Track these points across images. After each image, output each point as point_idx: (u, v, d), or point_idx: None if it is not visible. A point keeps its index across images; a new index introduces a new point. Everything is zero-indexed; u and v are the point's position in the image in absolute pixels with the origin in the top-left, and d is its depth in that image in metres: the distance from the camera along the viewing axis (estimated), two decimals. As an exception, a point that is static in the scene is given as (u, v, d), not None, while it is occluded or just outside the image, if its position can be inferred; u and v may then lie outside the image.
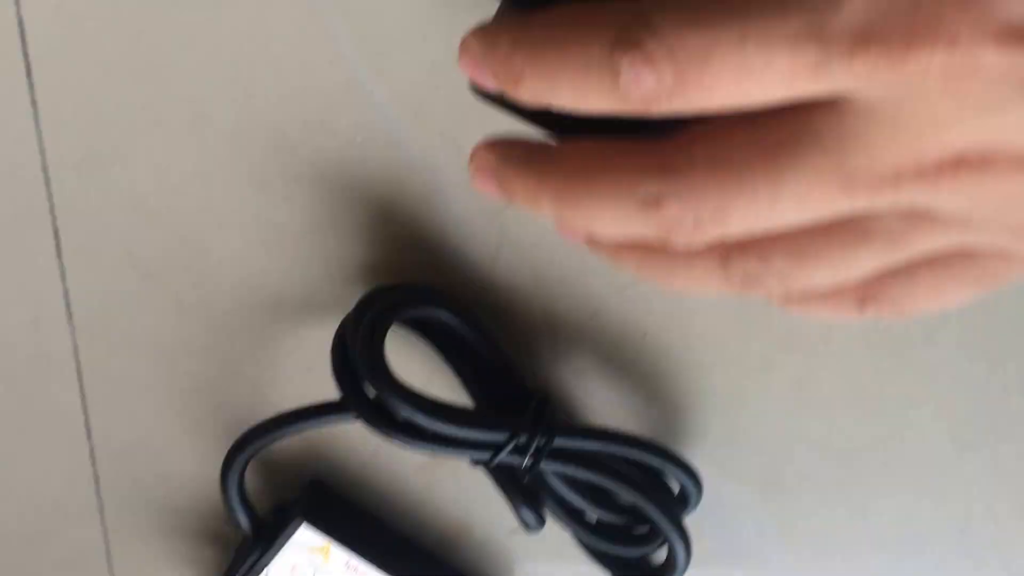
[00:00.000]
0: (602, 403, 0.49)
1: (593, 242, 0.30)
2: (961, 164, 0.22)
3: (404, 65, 0.44)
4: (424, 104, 0.44)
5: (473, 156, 0.31)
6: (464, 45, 0.28)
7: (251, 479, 0.51)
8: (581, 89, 0.25)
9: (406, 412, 0.41)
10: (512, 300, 0.47)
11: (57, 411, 0.52)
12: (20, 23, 0.43)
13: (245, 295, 0.48)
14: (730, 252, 0.26)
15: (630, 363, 0.48)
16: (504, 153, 0.30)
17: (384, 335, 0.42)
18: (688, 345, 0.47)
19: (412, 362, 0.48)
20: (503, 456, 0.42)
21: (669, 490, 0.48)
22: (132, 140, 0.45)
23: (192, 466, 0.53)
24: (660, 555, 0.48)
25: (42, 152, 0.46)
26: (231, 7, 0.43)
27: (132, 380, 0.50)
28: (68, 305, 0.49)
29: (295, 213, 0.46)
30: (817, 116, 0.23)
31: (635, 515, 0.47)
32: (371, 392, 0.42)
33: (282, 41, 0.43)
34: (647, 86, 0.23)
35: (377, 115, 0.44)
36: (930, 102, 0.21)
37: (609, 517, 0.47)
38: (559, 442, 0.43)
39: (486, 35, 0.28)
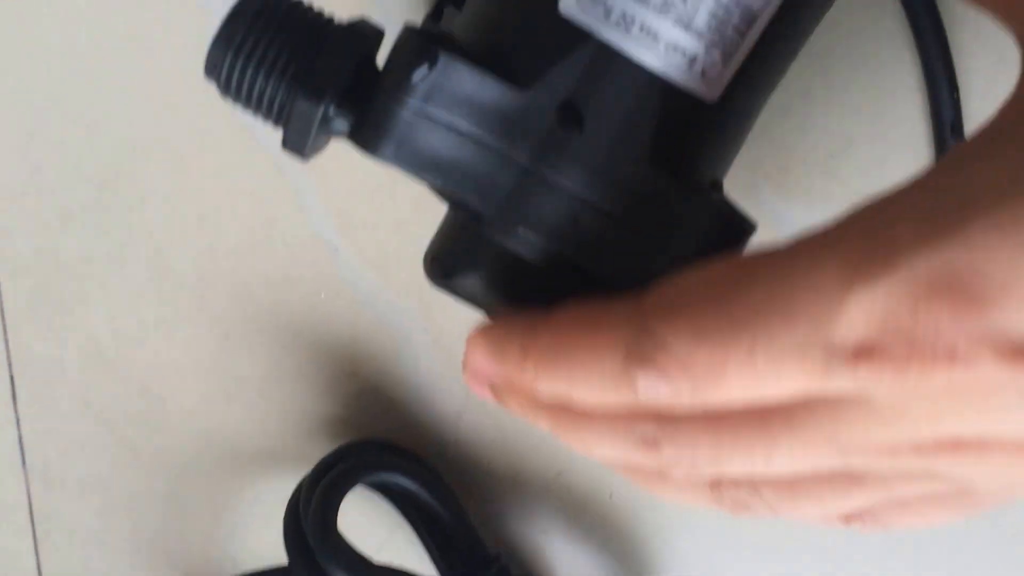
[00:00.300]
0: (567, 564, 0.48)
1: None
2: (959, 446, 0.22)
3: (370, 222, 0.43)
4: (389, 261, 0.44)
5: (467, 361, 0.30)
6: (471, 347, 0.29)
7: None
8: (599, 393, 0.25)
9: (356, 587, 0.40)
10: (477, 458, 0.46)
11: (8, 558, 0.50)
12: (-17, 170, 0.43)
13: (203, 446, 0.47)
14: (722, 480, 0.26)
15: (596, 524, 0.47)
16: (499, 368, 0.29)
17: (339, 502, 0.41)
18: (655, 507, 0.46)
19: (374, 516, 0.47)
20: (458, 630, 0.41)
21: (633, 659, 0.46)
22: (91, 288, 0.45)
23: (146, 614, 0.52)
24: None
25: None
26: (196, 160, 0.43)
27: (86, 529, 0.49)
28: (22, 452, 0.48)
29: (257, 366, 0.45)
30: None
31: None
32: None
33: (247, 195, 0.43)
34: (665, 394, 0.24)
35: (342, 271, 0.44)
36: (930, 403, 0.21)
37: None
38: (517, 615, 0.42)
39: (494, 340, 0.29)
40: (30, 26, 0.41)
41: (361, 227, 0.43)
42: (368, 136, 0.28)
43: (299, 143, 0.29)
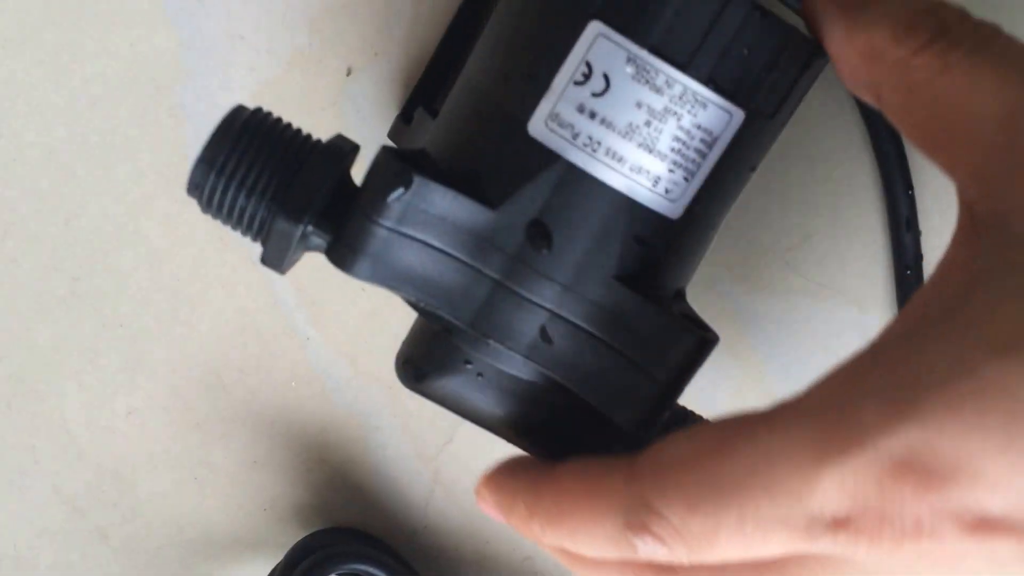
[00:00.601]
0: (534, 647, 0.48)
1: None
2: None
3: (341, 313, 0.44)
4: (360, 351, 0.44)
5: (480, 498, 0.32)
6: (480, 498, 0.32)
7: None
8: (602, 550, 0.27)
9: None
10: (444, 543, 0.47)
11: (-23, 642, 0.51)
12: (-42, 261, 0.44)
13: (175, 532, 0.47)
14: None
15: (562, 607, 0.48)
16: (509, 508, 0.31)
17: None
18: (621, 591, 0.47)
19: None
20: None
21: None
22: (66, 377, 0.45)
23: None
24: None
25: (-26, 387, 0.46)
26: (170, 252, 0.43)
27: (55, 614, 0.50)
28: (-7, 538, 0.48)
29: (228, 453, 0.46)
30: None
31: None
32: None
33: (220, 285, 0.44)
34: (663, 555, 0.26)
35: (313, 360, 0.45)
36: (906, 565, 0.23)
37: None
38: None
39: (500, 496, 0.31)
40: (7, 121, 0.42)
41: (333, 318, 0.44)
42: (344, 255, 0.29)
43: (277, 260, 0.30)
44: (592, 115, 0.29)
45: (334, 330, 0.44)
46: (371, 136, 0.42)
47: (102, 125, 0.42)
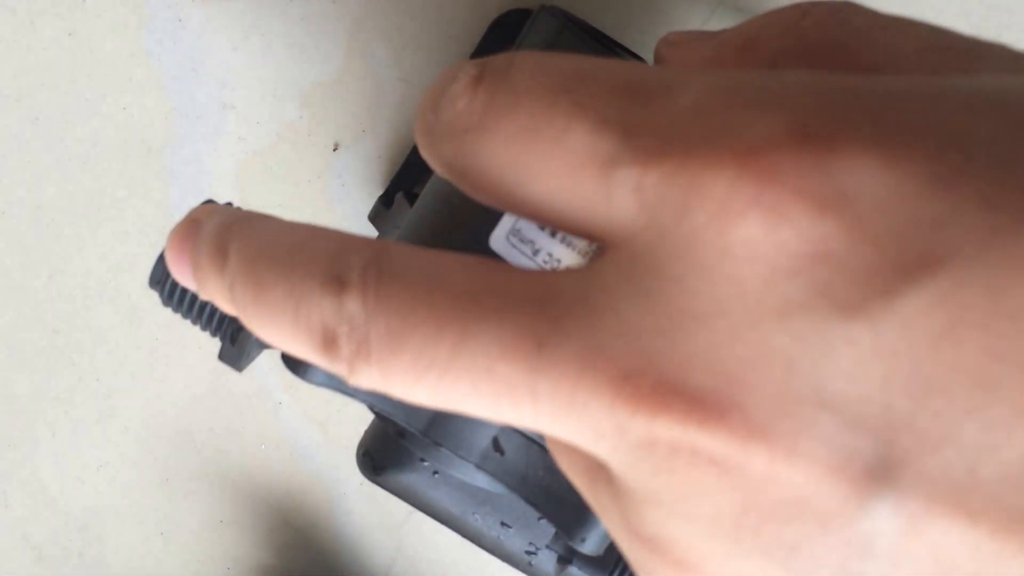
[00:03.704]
0: None
1: None
2: None
3: (314, 382, 0.44)
4: (330, 418, 0.45)
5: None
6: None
7: None
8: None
9: None
10: (404, 612, 0.47)
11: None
12: (-59, 306, 0.44)
13: (138, 584, 0.48)
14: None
15: None
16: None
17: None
18: (576, 670, 0.47)
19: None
20: None
21: None
22: (39, 427, 0.46)
23: None
24: None
25: (-51, 430, 0.46)
26: (148, 311, 0.44)
27: (17, 655, 0.50)
28: (-41, 579, 0.49)
29: (195, 511, 0.46)
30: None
31: None
32: None
33: (196, 345, 0.44)
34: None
35: (283, 424, 0.45)
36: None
37: None
38: None
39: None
40: (-2, 175, 0.43)
41: (305, 384, 0.44)
42: (300, 362, 0.30)
43: (236, 360, 0.30)
44: (553, 232, 0.30)
45: (305, 396, 0.45)
46: (353, 211, 0.43)
47: (91, 184, 0.43)
